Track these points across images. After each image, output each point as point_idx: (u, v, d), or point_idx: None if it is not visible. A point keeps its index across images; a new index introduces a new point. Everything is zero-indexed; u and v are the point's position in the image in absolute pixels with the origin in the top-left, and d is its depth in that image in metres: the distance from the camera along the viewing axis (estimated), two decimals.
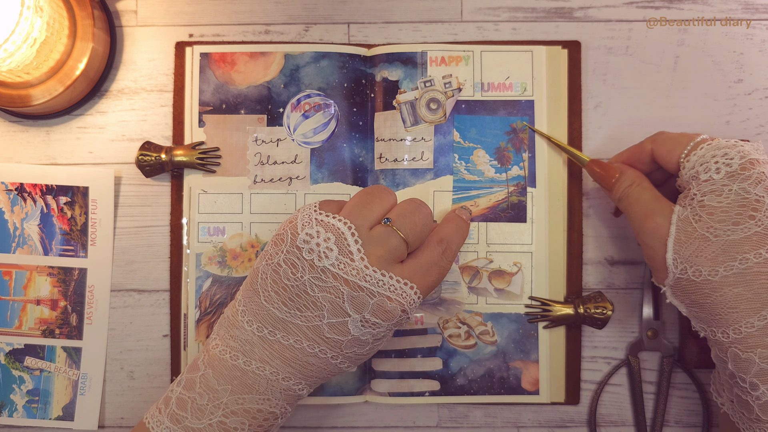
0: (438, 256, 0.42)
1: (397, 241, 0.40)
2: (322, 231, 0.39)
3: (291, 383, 0.39)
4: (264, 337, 0.39)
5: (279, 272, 0.39)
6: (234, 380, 0.39)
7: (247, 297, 0.40)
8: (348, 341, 0.39)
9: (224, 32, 0.53)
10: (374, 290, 0.39)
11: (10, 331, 0.52)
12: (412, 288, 0.40)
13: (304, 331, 0.39)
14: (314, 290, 0.39)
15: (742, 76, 0.52)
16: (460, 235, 0.45)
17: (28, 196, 0.52)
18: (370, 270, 0.39)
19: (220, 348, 0.40)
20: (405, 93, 0.51)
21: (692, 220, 0.40)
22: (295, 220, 0.40)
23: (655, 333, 0.51)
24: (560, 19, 0.52)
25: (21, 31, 0.44)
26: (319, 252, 0.38)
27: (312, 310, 0.39)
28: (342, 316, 0.39)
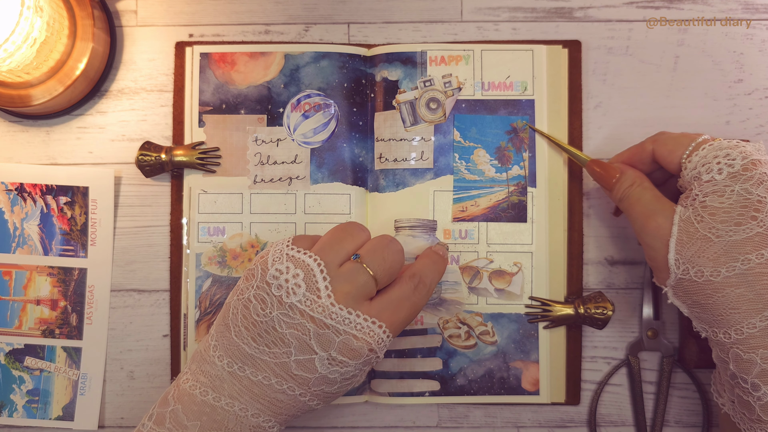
0: (410, 291, 0.42)
1: (365, 278, 0.40)
2: (292, 267, 0.39)
3: (260, 420, 0.39)
4: (234, 372, 0.39)
5: (249, 307, 0.39)
6: (203, 416, 0.38)
7: (219, 332, 0.40)
8: (315, 379, 0.39)
9: (224, 32, 0.53)
10: (340, 328, 0.39)
11: (10, 331, 0.52)
12: (381, 327, 0.39)
13: (272, 368, 0.39)
14: (282, 326, 0.38)
15: (742, 76, 0.52)
16: (435, 270, 0.44)
17: (28, 196, 0.52)
18: (336, 308, 0.39)
19: (191, 383, 0.40)
20: (405, 93, 0.51)
21: (694, 221, 0.40)
22: (266, 255, 0.40)
23: (655, 333, 0.51)
24: (560, 19, 0.52)
25: (21, 31, 0.44)
26: (288, 288, 0.38)
27: (280, 346, 0.39)
28: (309, 354, 0.38)
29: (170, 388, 0.41)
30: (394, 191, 0.50)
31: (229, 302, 0.41)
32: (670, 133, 0.44)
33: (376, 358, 0.40)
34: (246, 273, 0.41)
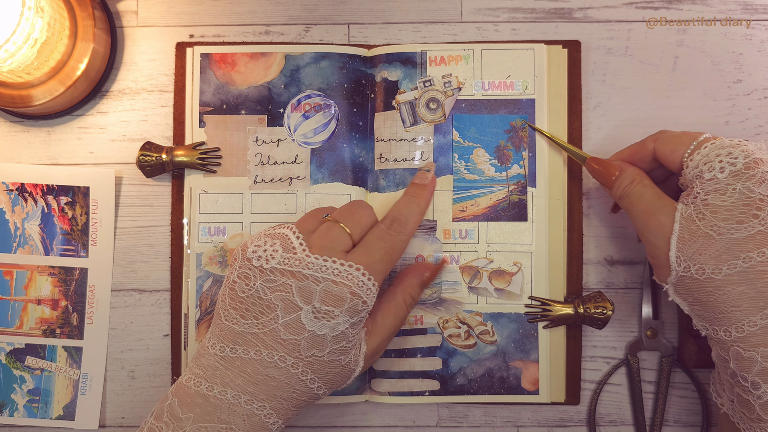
0: (383, 230, 0.43)
1: (337, 231, 0.42)
2: (269, 240, 0.41)
3: (254, 407, 0.39)
4: (226, 356, 0.39)
5: (235, 288, 0.40)
6: (196, 408, 0.39)
7: (213, 323, 0.41)
8: (305, 341, 0.39)
9: (225, 33, 0.53)
10: (318, 276, 0.39)
11: (11, 330, 0.52)
12: (358, 269, 0.40)
13: (262, 339, 0.39)
14: (266, 293, 0.39)
15: (741, 77, 0.52)
16: (413, 203, 0.46)
17: (29, 196, 0.52)
18: (312, 257, 0.40)
19: (186, 376, 0.40)
20: (404, 93, 0.51)
21: (696, 218, 0.40)
22: (245, 241, 0.42)
23: (655, 333, 0.51)
24: (560, 20, 0.52)
25: (22, 31, 0.44)
26: (267, 256, 0.40)
27: (267, 314, 0.39)
28: (294, 311, 0.39)
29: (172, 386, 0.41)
30: (395, 191, 0.51)
31: (219, 294, 0.42)
32: (671, 131, 0.44)
33: (362, 305, 0.40)
34: (229, 262, 0.42)
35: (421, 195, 0.47)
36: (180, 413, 0.39)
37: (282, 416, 0.40)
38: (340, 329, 0.40)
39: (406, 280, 0.47)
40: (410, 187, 0.48)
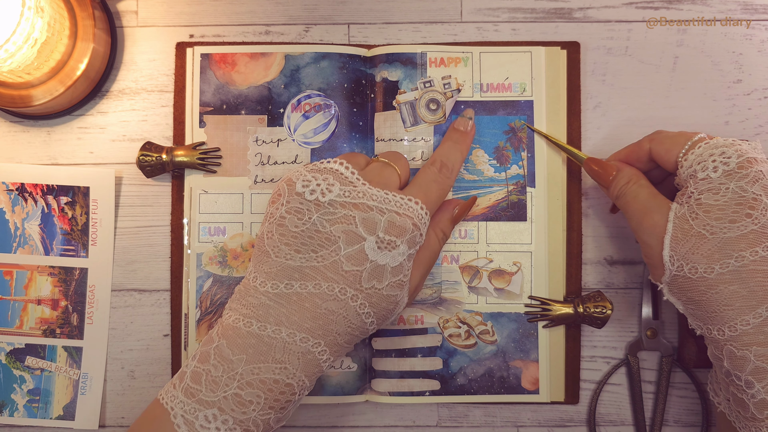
0: (435, 174, 0.45)
1: (390, 170, 0.43)
2: (318, 175, 0.40)
3: (309, 345, 0.38)
4: (280, 293, 0.39)
5: (284, 224, 0.40)
6: (249, 348, 0.38)
7: (256, 261, 0.40)
8: (366, 272, 0.39)
9: (225, 33, 0.53)
10: (383, 207, 0.40)
11: (11, 330, 0.52)
12: (417, 203, 0.41)
13: (322, 272, 0.39)
14: (325, 226, 0.39)
15: (741, 77, 0.52)
16: (457, 149, 0.47)
17: (29, 196, 0.52)
18: (374, 190, 0.40)
19: (234, 317, 0.39)
20: (405, 93, 0.51)
21: (689, 218, 0.40)
22: (287, 176, 0.41)
23: (655, 332, 0.51)
24: (560, 20, 0.52)
25: (22, 31, 0.44)
26: (322, 189, 0.40)
27: (327, 246, 0.39)
28: (357, 242, 0.39)
29: (214, 327, 0.40)
30: None
31: (261, 233, 0.41)
32: (667, 131, 0.44)
33: (420, 237, 0.41)
34: (271, 198, 0.42)
35: (463, 141, 0.48)
36: (231, 355, 0.38)
37: (334, 353, 0.40)
38: (399, 260, 0.40)
39: (436, 216, 0.46)
40: (452, 132, 0.48)
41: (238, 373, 0.38)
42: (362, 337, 0.42)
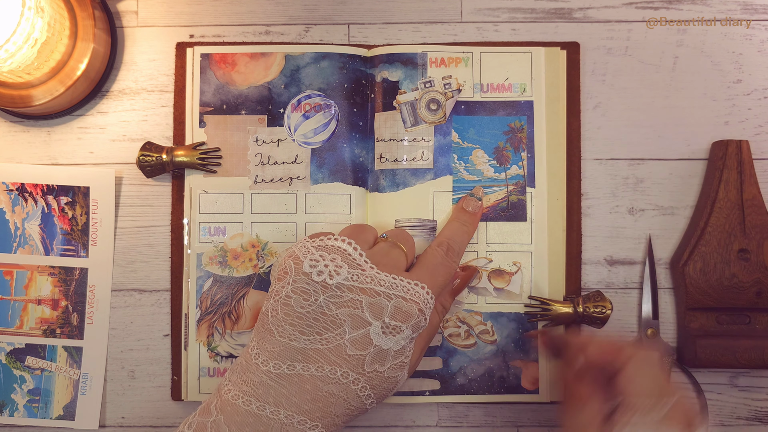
0: (442, 257, 0.44)
1: (398, 252, 0.42)
2: (326, 254, 0.40)
3: (306, 427, 0.39)
4: (281, 374, 0.39)
5: (290, 303, 0.39)
6: (246, 427, 0.38)
7: (259, 338, 0.40)
8: (370, 356, 0.39)
9: (225, 33, 0.53)
10: (390, 293, 0.39)
11: (11, 330, 0.52)
12: (423, 288, 0.41)
13: (326, 355, 0.39)
14: (331, 309, 0.39)
15: (741, 77, 0.52)
16: (464, 231, 0.47)
17: (29, 196, 0.52)
18: (382, 275, 0.40)
19: (233, 393, 0.39)
20: (405, 93, 0.51)
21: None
22: (293, 253, 0.41)
23: (655, 333, 0.51)
24: (559, 20, 0.52)
25: (22, 31, 0.44)
26: (329, 271, 0.39)
27: (332, 329, 0.39)
28: (363, 327, 0.39)
29: (211, 398, 0.40)
30: (395, 191, 0.51)
31: (265, 309, 0.41)
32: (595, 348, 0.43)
33: (424, 321, 0.41)
34: (277, 275, 0.41)
35: (471, 223, 0.49)
36: (227, 431, 0.38)
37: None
38: (402, 344, 0.40)
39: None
40: (460, 213, 0.49)
41: None
42: (359, 416, 0.42)
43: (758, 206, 0.49)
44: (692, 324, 0.50)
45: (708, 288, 0.49)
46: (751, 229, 0.49)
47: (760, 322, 0.50)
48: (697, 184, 0.52)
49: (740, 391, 0.52)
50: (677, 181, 0.52)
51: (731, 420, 0.51)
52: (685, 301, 0.50)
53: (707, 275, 0.49)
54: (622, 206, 0.52)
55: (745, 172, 0.50)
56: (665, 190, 0.52)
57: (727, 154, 0.50)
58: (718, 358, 0.49)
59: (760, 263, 0.49)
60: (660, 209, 0.52)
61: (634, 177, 0.52)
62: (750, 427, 0.51)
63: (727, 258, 0.49)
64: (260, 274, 0.51)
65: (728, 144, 0.50)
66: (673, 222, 0.52)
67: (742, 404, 0.51)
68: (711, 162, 0.51)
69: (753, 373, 0.52)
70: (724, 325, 0.50)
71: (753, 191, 0.49)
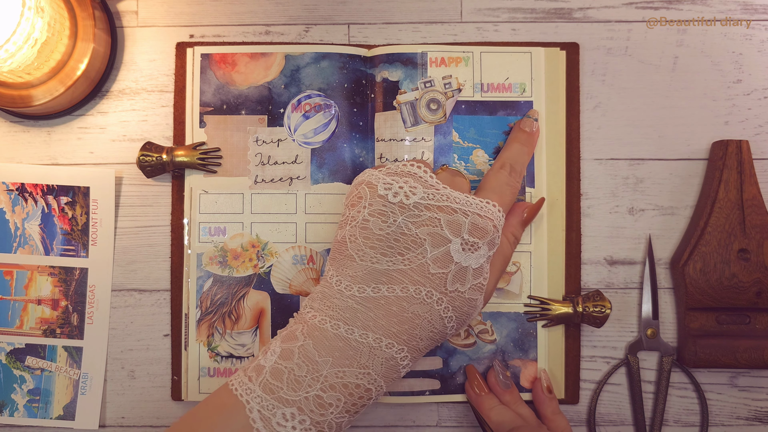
0: (506, 177, 0.45)
1: (461, 179, 0.43)
2: (398, 178, 0.40)
3: (394, 351, 0.38)
4: (367, 297, 0.39)
5: (368, 226, 0.40)
6: (336, 351, 0.38)
7: (339, 266, 0.40)
8: (452, 274, 0.39)
9: (225, 33, 0.53)
10: (466, 210, 0.40)
11: (11, 330, 0.52)
12: (495, 206, 0.41)
13: (409, 275, 0.39)
14: (411, 228, 0.39)
15: (741, 77, 0.52)
16: (524, 152, 0.48)
17: (29, 196, 0.52)
18: (456, 193, 0.40)
19: (319, 318, 0.39)
20: (405, 93, 0.51)
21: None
22: (366, 180, 0.41)
23: (655, 333, 0.51)
24: (559, 20, 0.52)
25: (22, 31, 0.44)
26: (405, 192, 0.39)
27: (413, 249, 0.39)
28: (443, 245, 0.39)
29: (296, 326, 0.40)
30: None
31: (342, 236, 0.41)
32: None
33: (498, 238, 0.41)
34: (350, 201, 0.41)
35: (529, 142, 0.49)
36: (316, 356, 0.38)
37: (413, 359, 0.40)
38: (480, 262, 0.40)
39: (507, 220, 0.46)
40: (519, 132, 0.49)
41: (322, 375, 0.37)
42: (438, 343, 0.42)
43: (758, 206, 0.49)
44: (692, 324, 0.50)
45: (708, 288, 0.49)
46: (751, 229, 0.49)
47: (760, 322, 0.50)
48: (697, 184, 0.52)
49: (740, 391, 0.52)
50: (677, 181, 0.52)
51: (731, 420, 0.51)
52: (685, 301, 0.50)
53: (707, 275, 0.49)
54: (622, 206, 0.52)
55: (745, 172, 0.50)
56: (665, 190, 0.52)
57: (727, 154, 0.50)
58: (718, 358, 0.49)
59: (760, 263, 0.49)
60: (660, 209, 0.52)
61: (634, 177, 0.52)
62: (750, 427, 0.51)
63: (727, 258, 0.49)
64: (260, 274, 0.51)
65: (728, 144, 0.50)
66: (673, 222, 0.52)
67: (742, 404, 0.51)
68: (711, 162, 0.51)
69: (753, 373, 0.52)
70: (724, 325, 0.50)
71: (753, 191, 0.49)
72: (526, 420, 0.47)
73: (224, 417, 0.37)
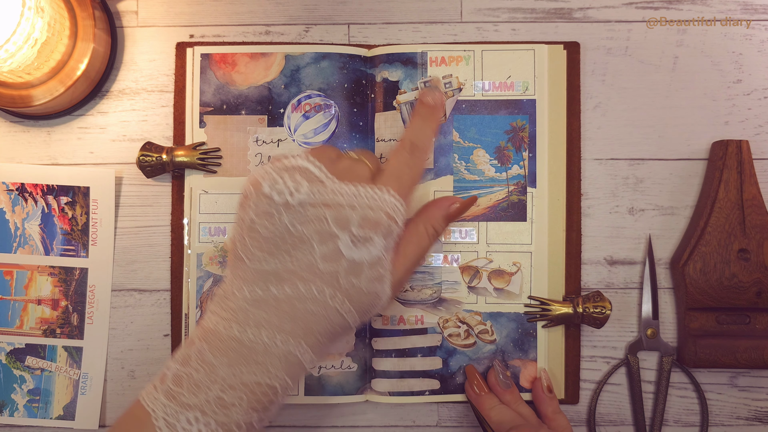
0: (406, 158, 0.43)
1: (361, 166, 0.41)
2: (285, 174, 0.39)
3: (290, 346, 0.38)
4: (257, 298, 0.38)
5: (255, 227, 0.39)
6: (230, 352, 0.37)
7: (232, 267, 0.40)
8: (343, 269, 0.39)
9: (225, 33, 0.53)
10: (354, 202, 0.39)
11: (11, 330, 0.52)
12: (388, 191, 0.40)
13: (298, 274, 0.38)
14: (296, 227, 0.38)
15: (741, 77, 0.52)
16: (427, 126, 0.45)
17: (29, 196, 0.52)
18: (345, 186, 0.39)
19: (215, 321, 0.39)
20: (405, 93, 0.51)
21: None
22: (253, 178, 0.40)
23: (655, 333, 0.51)
24: (559, 20, 0.52)
25: (22, 31, 0.44)
26: (290, 190, 0.38)
27: (300, 247, 0.38)
28: (331, 241, 0.38)
29: (194, 331, 0.40)
30: None
31: (233, 237, 0.41)
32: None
33: (396, 227, 0.40)
34: (239, 202, 0.40)
35: (433, 116, 0.46)
36: (212, 358, 0.37)
37: (316, 352, 0.40)
38: (376, 254, 0.39)
39: (429, 212, 0.45)
40: (420, 106, 0.46)
41: (220, 377, 0.37)
42: (347, 333, 0.41)
43: (758, 206, 0.49)
44: (692, 324, 0.50)
45: (708, 288, 0.49)
46: (751, 229, 0.49)
47: (760, 322, 0.50)
48: (697, 184, 0.52)
49: (740, 391, 0.52)
50: (677, 181, 0.52)
51: (731, 420, 0.51)
52: (685, 301, 0.50)
53: (707, 275, 0.49)
54: (622, 206, 0.52)
55: (745, 172, 0.50)
56: (665, 190, 0.52)
57: (727, 154, 0.50)
58: (718, 358, 0.49)
59: (760, 263, 0.49)
60: (660, 209, 0.52)
61: (634, 177, 0.52)
62: (750, 427, 0.51)
63: (727, 258, 0.49)
64: None
65: (728, 144, 0.50)
66: (673, 222, 0.52)
67: (742, 404, 0.51)
68: (711, 162, 0.51)
69: (753, 373, 0.52)
70: (724, 325, 0.50)
71: (753, 191, 0.49)
72: (526, 419, 0.47)
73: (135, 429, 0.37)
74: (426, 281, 0.51)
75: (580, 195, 0.51)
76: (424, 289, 0.51)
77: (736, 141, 0.50)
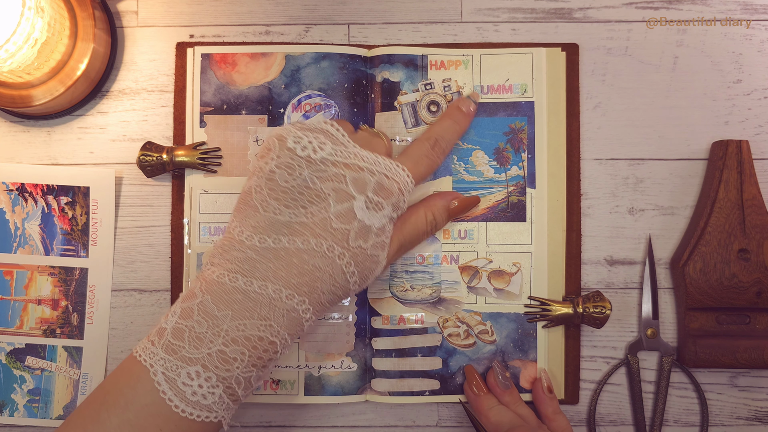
0: (428, 149, 0.45)
1: (378, 140, 0.43)
2: (309, 133, 0.40)
3: (294, 302, 0.38)
4: (267, 247, 0.38)
5: (274, 178, 0.39)
6: (234, 304, 0.37)
7: (242, 216, 0.40)
8: (354, 230, 0.39)
9: (225, 33, 0.53)
10: (373, 168, 0.40)
11: (11, 330, 0.52)
12: (404, 170, 0.42)
13: (311, 228, 0.39)
14: (316, 183, 0.39)
15: (741, 77, 0.52)
16: (455, 130, 0.48)
17: (29, 196, 0.52)
18: (366, 152, 0.40)
19: (218, 272, 0.38)
20: (406, 94, 0.51)
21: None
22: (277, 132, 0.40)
23: (655, 333, 0.51)
24: (559, 20, 0.52)
25: (22, 31, 0.44)
26: (314, 147, 0.39)
27: (317, 203, 0.39)
28: (347, 201, 0.39)
29: (194, 283, 0.39)
30: None
31: (248, 187, 0.41)
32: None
33: (403, 202, 0.42)
34: (260, 152, 0.41)
35: (463, 121, 0.49)
36: (215, 310, 0.37)
37: (317, 312, 0.40)
38: (383, 222, 0.41)
39: (432, 200, 0.47)
40: (454, 110, 0.49)
41: (223, 330, 0.37)
42: (343, 299, 0.42)
43: (758, 206, 0.49)
44: (692, 324, 0.50)
45: (708, 288, 0.49)
46: (751, 229, 0.49)
47: (760, 322, 0.50)
48: (697, 184, 0.52)
49: (740, 391, 0.52)
50: (677, 181, 0.52)
51: (731, 420, 0.51)
52: (685, 301, 0.50)
53: (707, 275, 0.49)
54: (622, 206, 0.52)
55: (745, 172, 0.50)
56: (665, 190, 0.52)
57: (727, 154, 0.50)
58: (718, 358, 0.49)
59: (760, 263, 0.49)
60: (660, 209, 0.52)
61: (634, 177, 0.52)
62: (750, 427, 0.51)
63: (727, 258, 0.49)
64: None
65: (728, 144, 0.50)
66: (673, 222, 0.52)
67: (742, 404, 0.52)
68: (711, 162, 0.51)
69: (753, 373, 0.52)
70: (724, 325, 0.50)
71: (753, 191, 0.49)
72: (525, 420, 0.47)
73: (130, 384, 0.37)
74: (426, 281, 0.51)
75: (580, 195, 0.51)
76: (424, 289, 0.51)
77: (736, 141, 0.50)
